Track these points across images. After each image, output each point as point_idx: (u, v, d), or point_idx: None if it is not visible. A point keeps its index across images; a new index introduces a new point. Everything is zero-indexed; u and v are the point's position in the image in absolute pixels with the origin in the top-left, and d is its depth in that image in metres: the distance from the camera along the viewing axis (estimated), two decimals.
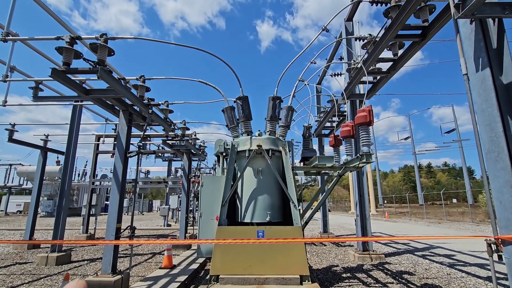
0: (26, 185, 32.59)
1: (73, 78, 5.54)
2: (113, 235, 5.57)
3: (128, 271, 5.80)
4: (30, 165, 31.82)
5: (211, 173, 21.78)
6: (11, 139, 9.94)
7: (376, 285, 5.55)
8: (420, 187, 42.39)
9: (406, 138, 45.24)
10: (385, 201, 52.65)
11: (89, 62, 4.77)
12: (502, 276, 5.99)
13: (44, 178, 31.29)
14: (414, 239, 10.24)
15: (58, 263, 7.59)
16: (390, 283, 5.67)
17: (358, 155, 4.93)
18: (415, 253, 9.06)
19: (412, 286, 5.48)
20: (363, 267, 7.08)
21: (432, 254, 8.80)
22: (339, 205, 58.97)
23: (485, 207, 22.70)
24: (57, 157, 22.33)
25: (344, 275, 6.34)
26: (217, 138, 5.78)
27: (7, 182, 33.55)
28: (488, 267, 6.78)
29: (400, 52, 6.56)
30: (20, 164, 32.47)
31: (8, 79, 6.86)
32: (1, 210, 34.68)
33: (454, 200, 42.80)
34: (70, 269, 7.12)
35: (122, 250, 9.53)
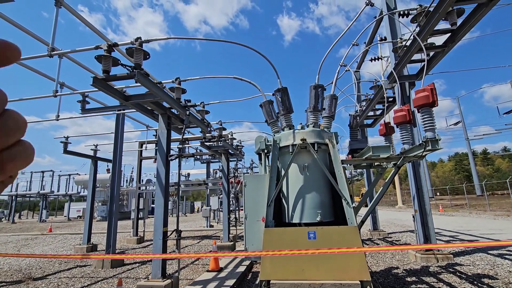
0: (84, 192, 35.95)
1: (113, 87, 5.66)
2: (161, 239, 5.57)
3: (177, 274, 5.78)
4: (85, 174, 34.95)
5: (249, 173, 21.72)
6: (66, 151, 10.73)
7: None
8: (476, 176, 37.98)
9: (456, 123, 40.96)
10: (437, 193, 48.35)
11: (126, 67, 4.77)
12: None
13: (98, 185, 34.24)
14: None
15: (113, 266, 7.93)
16: None
17: (421, 141, 4.26)
18: (489, 252, 7.88)
19: None
20: (429, 270, 6.26)
21: (511, 253, 7.57)
22: (384, 199, 55.54)
23: None
24: (107, 166, 24.33)
25: (408, 279, 5.63)
26: (254, 136, 5.47)
27: (68, 191, 37.76)
28: None
29: (459, 21, 5.67)
30: (77, 173, 35.86)
31: (58, 94, 7.31)
32: (65, 216, 38.58)
33: None
34: (124, 272, 7.37)
35: (169, 252, 9.74)
